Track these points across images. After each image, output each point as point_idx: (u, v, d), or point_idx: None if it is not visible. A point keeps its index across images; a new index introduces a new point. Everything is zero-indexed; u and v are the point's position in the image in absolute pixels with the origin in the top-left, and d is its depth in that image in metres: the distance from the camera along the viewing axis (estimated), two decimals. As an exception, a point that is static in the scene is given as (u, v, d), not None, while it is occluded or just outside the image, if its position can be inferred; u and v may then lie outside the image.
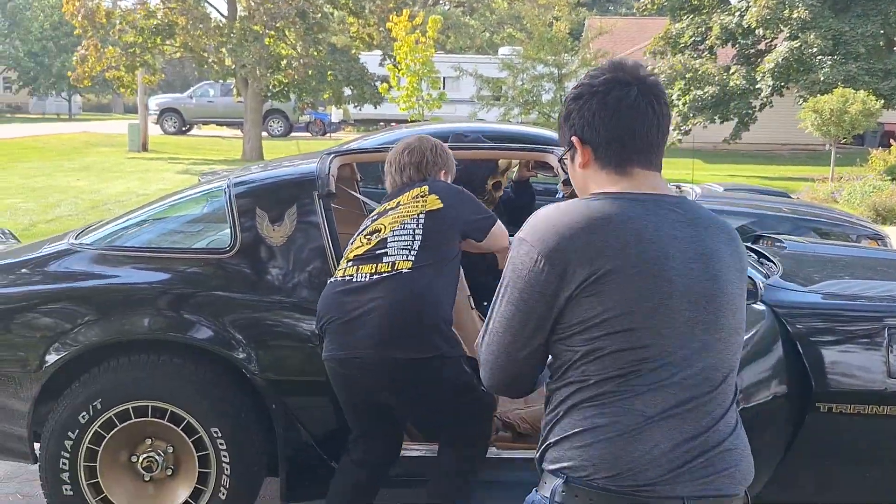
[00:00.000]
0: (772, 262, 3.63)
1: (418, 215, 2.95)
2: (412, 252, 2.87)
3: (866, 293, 3.41)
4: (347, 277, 2.90)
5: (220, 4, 24.67)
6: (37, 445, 3.30)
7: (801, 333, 3.13)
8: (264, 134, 26.69)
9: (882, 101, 16.22)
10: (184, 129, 31.35)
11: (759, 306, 3.11)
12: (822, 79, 18.01)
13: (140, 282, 3.32)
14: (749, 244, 4.07)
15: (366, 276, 2.86)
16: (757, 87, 19.73)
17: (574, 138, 1.71)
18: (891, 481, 3.21)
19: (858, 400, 3.13)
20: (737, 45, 21.26)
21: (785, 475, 3.16)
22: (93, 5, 21.34)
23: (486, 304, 3.43)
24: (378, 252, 2.89)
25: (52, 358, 3.19)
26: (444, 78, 22.74)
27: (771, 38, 20.48)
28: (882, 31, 18.94)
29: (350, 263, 2.94)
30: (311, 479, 3.28)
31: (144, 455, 3.23)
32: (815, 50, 18.48)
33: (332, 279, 2.99)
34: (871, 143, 22.16)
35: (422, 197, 3.00)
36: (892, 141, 17.26)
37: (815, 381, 3.11)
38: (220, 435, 3.17)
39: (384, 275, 2.84)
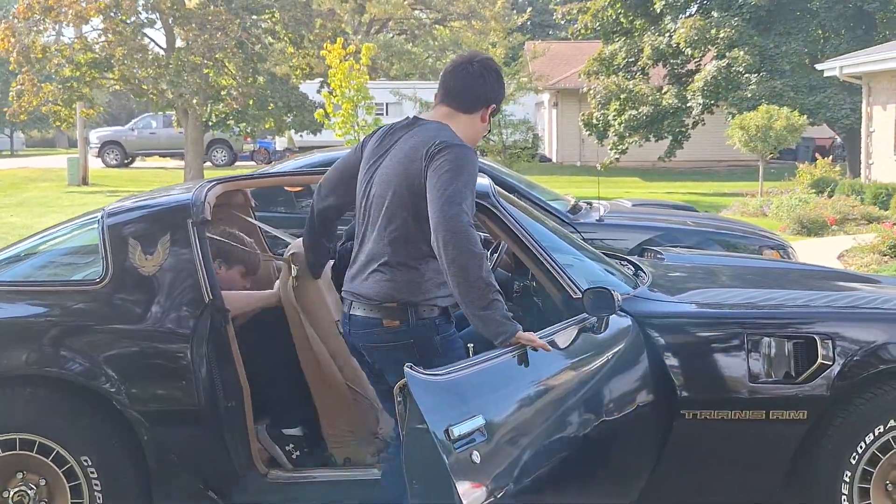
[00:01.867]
0: (642, 272, 3.70)
1: None
2: None
3: (728, 301, 3.49)
4: None
5: (159, 37, 24.50)
6: None
7: (664, 342, 3.21)
8: (209, 164, 26.47)
9: (806, 117, 16.61)
10: (126, 161, 31.01)
11: (625, 318, 3.18)
12: (749, 96, 18.43)
13: (9, 316, 3.29)
14: (628, 256, 4.16)
15: None
16: (688, 105, 20.14)
17: None
18: (757, 482, 3.29)
19: (722, 406, 3.22)
20: (668, 65, 21.71)
21: (659, 481, 3.22)
22: (28, 41, 21.06)
23: None
24: None
25: None
26: (386, 104, 22.88)
27: (700, 57, 20.95)
28: (805, 49, 19.45)
29: None
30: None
31: (15, 490, 3.18)
32: (741, 68, 18.91)
33: None
34: (804, 157, 22.69)
35: None
36: (817, 155, 17.74)
37: (679, 389, 3.19)
38: (90, 463, 3.16)
39: None
